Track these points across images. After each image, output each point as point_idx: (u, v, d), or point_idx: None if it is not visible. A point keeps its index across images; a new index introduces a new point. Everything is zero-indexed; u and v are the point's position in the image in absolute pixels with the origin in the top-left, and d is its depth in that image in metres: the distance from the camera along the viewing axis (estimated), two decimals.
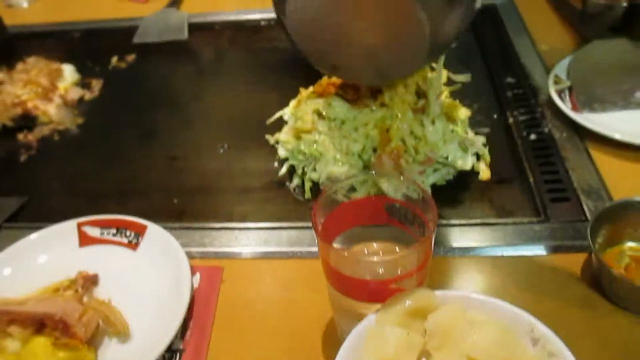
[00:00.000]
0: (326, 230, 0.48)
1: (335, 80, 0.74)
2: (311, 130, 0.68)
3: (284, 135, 0.73)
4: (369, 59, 0.61)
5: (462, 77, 0.72)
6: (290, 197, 0.70)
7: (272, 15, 1.09)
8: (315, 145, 0.67)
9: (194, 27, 1.10)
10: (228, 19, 1.12)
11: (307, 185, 0.69)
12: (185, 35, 1.08)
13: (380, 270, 0.44)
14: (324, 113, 0.68)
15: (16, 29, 1.18)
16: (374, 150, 0.66)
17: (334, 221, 0.49)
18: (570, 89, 0.78)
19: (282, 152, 0.73)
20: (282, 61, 0.97)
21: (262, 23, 1.10)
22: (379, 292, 0.45)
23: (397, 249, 0.50)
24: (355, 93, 0.69)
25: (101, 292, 0.59)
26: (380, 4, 0.53)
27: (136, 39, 1.08)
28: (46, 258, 0.63)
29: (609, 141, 0.70)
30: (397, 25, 0.55)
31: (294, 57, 0.98)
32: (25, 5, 1.28)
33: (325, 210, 0.48)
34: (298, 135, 0.70)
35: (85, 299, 0.57)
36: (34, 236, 0.64)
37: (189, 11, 1.14)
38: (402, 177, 0.62)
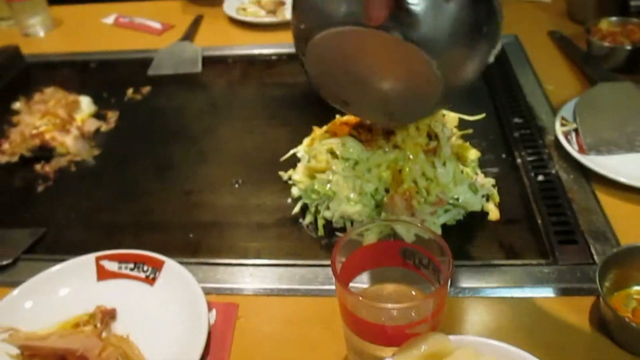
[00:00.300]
0: (344, 272, 0.50)
1: (349, 119, 0.76)
2: (325, 170, 0.70)
3: (298, 175, 0.75)
4: (380, 102, 0.64)
5: (475, 117, 0.74)
6: (303, 234, 0.72)
7: (284, 50, 1.13)
8: (328, 185, 0.69)
9: (208, 60, 1.13)
10: (241, 53, 1.15)
11: (320, 222, 0.71)
12: (199, 68, 1.10)
13: (396, 316, 0.46)
14: (338, 153, 0.70)
15: (33, 59, 1.21)
16: (387, 190, 0.68)
17: (351, 264, 0.51)
18: (576, 130, 0.80)
19: (295, 191, 0.75)
20: (295, 97, 1.00)
21: (274, 58, 1.13)
22: (394, 337, 0.47)
23: (412, 292, 0.51)
24: (368, 134, 0.71)
25: (119, 326, 0.61)
26: (396, 59, 0.55)
27: (151, 71, 1.11)
28: (66, 292, 0.64)
29: (615, 184, 0.72)
30: (411, 77, 0.57)
31: (306, 93, 1.01)
32: (41, 34, 1.31)
33: (344, 253, 0.50)
34: (312, 174, 0.72)
35: (104, 334, 0.58)
36: (54, 269, 0.65)
37: (202, 45, 1.18)
38: (414, 219, 0.65)
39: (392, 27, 0.51)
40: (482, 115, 0.73)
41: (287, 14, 1.24)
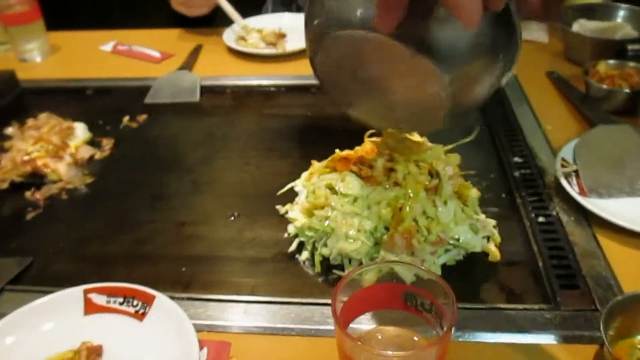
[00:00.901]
0: (343, 314, 0.48)
1: (349, 154, 0.75)
2: (324, 206, 0.69)
3: (295, 212, 0.73)
4: (386, 109, 0.63)
5: (470, 137, 0.75)
6: (299, 271, 0.70)
7: (284, 82, 1.13)
8: (327, 222, 0.68)
9: (206, 90, 1.13)
10: (239, 84, 1.15)
11: (317, 259, 0.69)
12: (197, 97, 1.10)
13: None
14: (337, 188, 0.69)
15: (28, 84, 1.20)
16: (386, 228, 0.66)
17: (351, 306, 0.49)
18: (577, 172, 0.79)
19: (291, 228, 0.73)
20: (293, 129, 0.99)
21: (273, 89, 1.13)
22: None
23: (415, 337, 0.49)
24: (369, 170, 0.70)
25: None
26: (407, 69, 0.54)
27: (148, 99, 1.10)
28: (50, 326, 0.61)
29: (616, 227, 0.71)
30: (420, 89, 0.57)
31: (305, 125, 1.01)
32: (38, 59, 1.30)
33: (344, 294, 0.48)
34: (310, 210, 0.70)
35: None
36: (38, 302, 0.63)
37: (201, 74, 1.17)
38: (414, 258, 0.63)
39: (406, 37, 0.51)
40: (477, 132, 0.75)
41: (287, 46, 1.24)
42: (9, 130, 0.98)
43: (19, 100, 1.16)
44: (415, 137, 0.75)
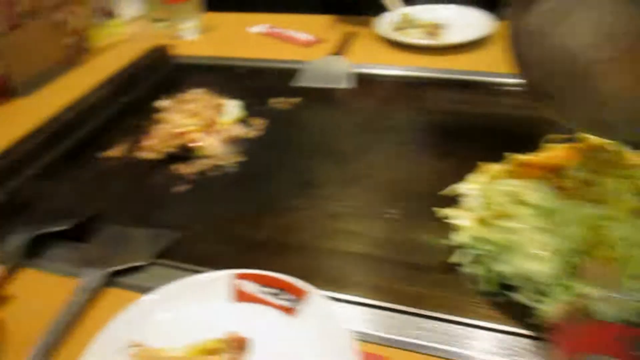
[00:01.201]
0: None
1: (531, 160, 0.65)
2: (506, 216, 0.59)
3: (464, 219, 0.64)
4: (596, 105, 0.53)
5: None
6: (463, 286, 0.61)
7: (444, 75, 1.03)
8: (508, 235, 0.58)
9: (357, 78, 1.06)
10: (394, 74, 1.07)
11: (493, 276, 0.59)
12: (349, 84, 1.04)
13: None
14: (523, 198, 0.59)
15: (181, 60, 1.21)
16: (583, 253, 0.56)
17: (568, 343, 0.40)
18: None
19: (459, 237, 0.64)
20: (454, 126, 0.90)
21: (430, 82, 1.04)
22: None
23: None
24: (562, 180, 0.59)
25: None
26: None
27: (298, 82, 1.06)
28: (197, 309, 0.58)
29: None
30: None
31: (466, 123, 0.91)
32: (193, 37, 1.31)
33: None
34: (486, 221, 0.61)
35: None
36: (188, 281, 0.59)
37: (354, 61, 1.11)
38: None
39: None
40: None
41: (445, 38, 1.15)
42: (162, 104, 0.98)
43: (171, 75, 1.17)
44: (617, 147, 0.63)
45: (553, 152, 0.66)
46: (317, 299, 0.56)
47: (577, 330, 0.40)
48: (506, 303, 0.58)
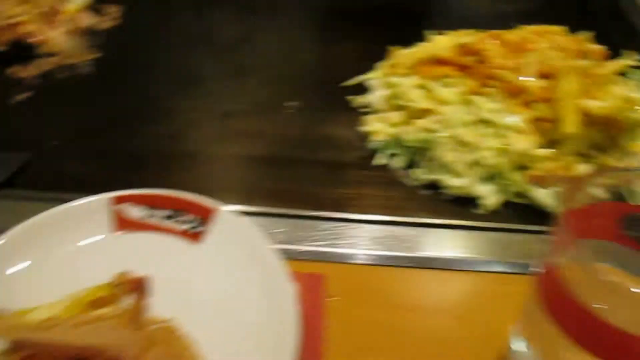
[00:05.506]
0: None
1: (448, 56, 0.56)
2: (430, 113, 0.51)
3: (377, 123, 0.55)
4: None
5: None
6: (396, 183, 0.53)
7: None
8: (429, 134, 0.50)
9: None
10: None
11: (426, 172, 0.52)
12: None
13: None
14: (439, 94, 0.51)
15: None
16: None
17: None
18: None
19: (375, 144, 0.55)
20: (360, 7, 0.77)
21: None
22: None
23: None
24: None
25: (153, 305, 0.41)
26: None
27: None
28: (67, 250, 0.43)
29: None
30: None
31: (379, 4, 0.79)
32: None
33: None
34: (406, 119, 0.52)
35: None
36: (51, 213, 0.44)
37: None
38: None
39: None
40: None
41: None
42: None
43: None
44: None
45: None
46: (226, 216, 0.44)
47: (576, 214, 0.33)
48: (448, 198, 0.51)
